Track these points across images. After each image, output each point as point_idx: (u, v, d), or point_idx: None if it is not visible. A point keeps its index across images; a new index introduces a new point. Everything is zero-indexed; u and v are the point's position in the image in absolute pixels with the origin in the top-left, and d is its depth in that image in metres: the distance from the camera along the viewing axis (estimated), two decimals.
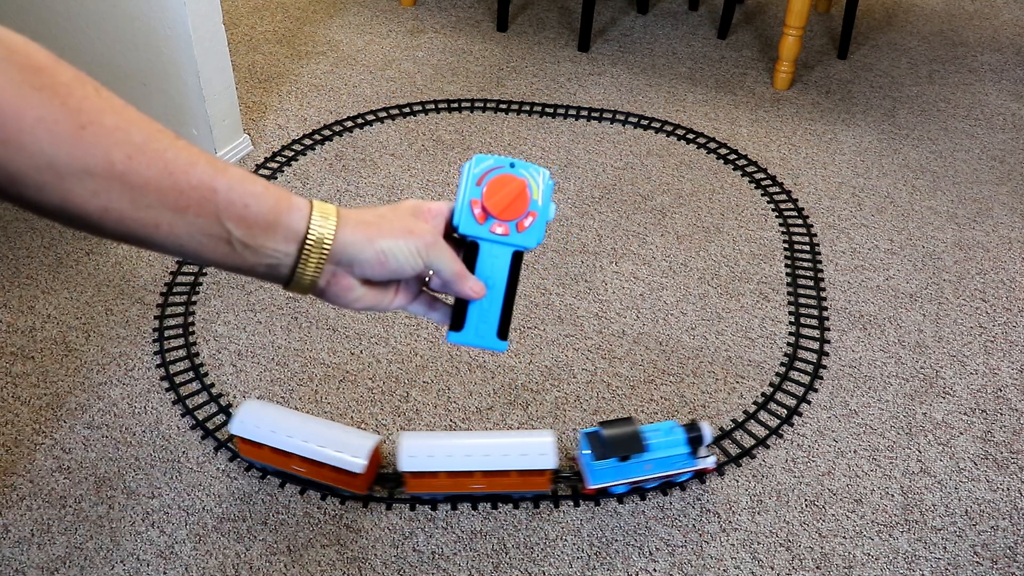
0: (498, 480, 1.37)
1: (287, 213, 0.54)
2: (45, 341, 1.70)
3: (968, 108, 2.55)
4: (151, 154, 0.49)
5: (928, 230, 2.08)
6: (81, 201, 0.47)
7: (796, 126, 2.43)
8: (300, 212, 0.55)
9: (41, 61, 0.45)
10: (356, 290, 0.59)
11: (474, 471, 1.36)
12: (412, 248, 0.58)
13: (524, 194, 0.63)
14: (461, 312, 0.64)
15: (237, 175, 0.53)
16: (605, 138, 2.35)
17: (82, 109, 0.46)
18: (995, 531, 1.43)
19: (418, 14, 2.94)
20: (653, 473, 1.41)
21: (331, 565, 1.34)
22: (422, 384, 1.64)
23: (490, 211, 0.62)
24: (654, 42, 2.83)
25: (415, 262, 0.58)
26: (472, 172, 0.63)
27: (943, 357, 1.75)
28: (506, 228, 0.63)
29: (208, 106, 2.05)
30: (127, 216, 0.49)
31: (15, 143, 0.44)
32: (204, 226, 0.51)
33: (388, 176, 2.18)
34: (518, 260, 0.64)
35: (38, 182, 0.46)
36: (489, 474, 1.36)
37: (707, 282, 1.90)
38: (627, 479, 1.41)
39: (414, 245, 0.58)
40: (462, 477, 1.37)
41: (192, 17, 1.91)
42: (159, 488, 1.44)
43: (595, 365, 1.69)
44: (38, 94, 0.45)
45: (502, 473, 1.36)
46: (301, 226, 0.55)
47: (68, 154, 0.46)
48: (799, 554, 1.38)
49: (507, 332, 0.65)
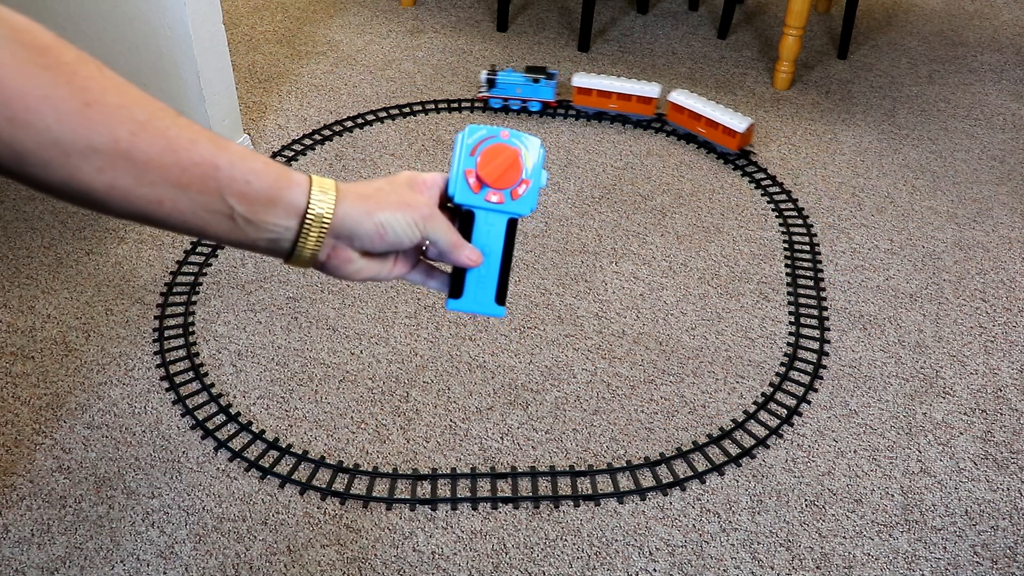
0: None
1: (288, 189, 0.55)
2: (45, 341, 1.70)
3: (968, 108, 2.55)
4: (154, 131, 0.49)
5: (928, 230, 2.08)
6: (87, 178, 0.48)
7: (796, 126, 2.43)
8: (300, 187, 0.56)
9: (46, 40, 0.46)
10: (356, 262, 0.60)
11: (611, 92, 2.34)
12: (409, 220, 0.59)
13: (517, 163, 0.64)
14: (459, 280, 0.65)
15: (238, 152, 0.53)
16: (605, 138, 2.35)
17: (87, 87, 0.47)
18: (995, 531, 1.43)
19: (418, 14, 2.94)
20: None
21: (331, 565, 1.34)
22: (422, 384, 1.64)
23: (485, 180, 0.63)
24: (654, 42, 2.83)
25: (413, 233, 0.60)
26: (466, 142, 0.64)
27: (943, 357, 1.75)
28: (501, 196, 0.64)
29: (208, 106, 2.05)
30: (132, 193, 0.49)
31: (21, 121, 0.45)
32: (207, 202, 0.52)
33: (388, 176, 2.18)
34: (513, 227, 0.66)
35: (44, 159, 0.46)
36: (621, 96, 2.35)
37: (707, 282, 1.90)
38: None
39: (411, 217, 0.59)
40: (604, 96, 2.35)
41: (192, 17, 1.91)
42: (159, 488, 1.44)
43: (595, 365, 1.69)
44: (44, 73, 0.45)
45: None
46: (301, 201, 0.56)
47: (73, 131, 0.46)
48: (799, 554, 1.38)
49: (504, 298, 0.67)
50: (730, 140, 2.25)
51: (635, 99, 2.36)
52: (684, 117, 2.33)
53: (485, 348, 1.72)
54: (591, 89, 2.36)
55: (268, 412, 1.58)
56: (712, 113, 2.26)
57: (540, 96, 2.39)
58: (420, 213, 0.60)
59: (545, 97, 2.39)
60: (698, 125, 2.31)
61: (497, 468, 1.50)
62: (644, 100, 2.36)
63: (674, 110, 2.34)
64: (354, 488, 1.45)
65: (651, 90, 2.34)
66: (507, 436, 1.55)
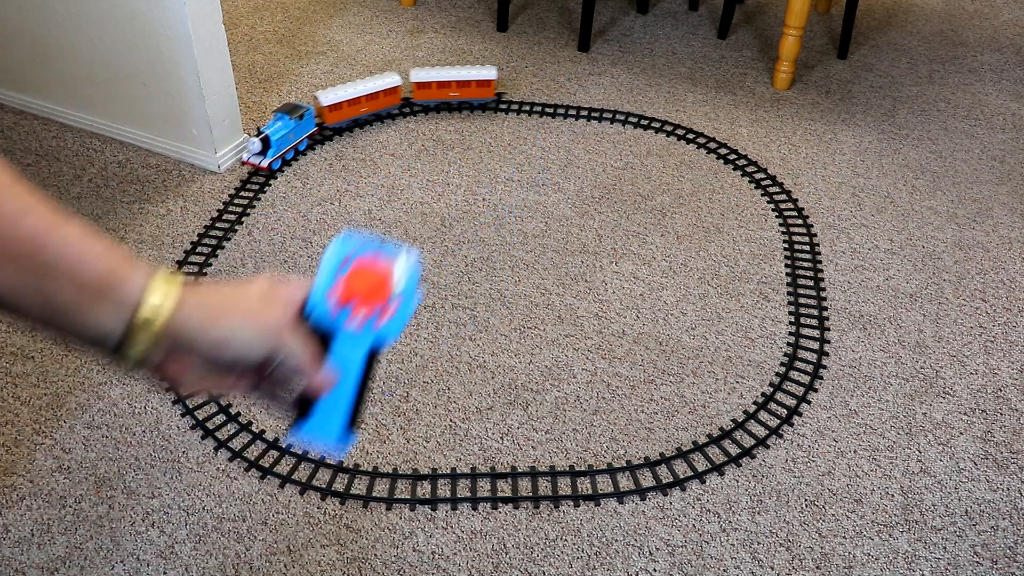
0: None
1: (122, 283, 0.50)
2: (45, 341, 1.70)
3: (968, 108, 2.55)
4: None
5: (928, 230, 2.08)
6: None
7: (796, 126, 2.43)
8: (135, 283, 0.50)
9: None
10: (194, 372, 0.55)
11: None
12: (257, 334, 0.54)
13: (386, 284, 0.58)
14: (308, 404, 0.59)
15: (76, 232, 0.49)
16: (605, 138, 2.35)
17: None
18: (995, 531, 1.43)
19: (418, 14, 2.94)
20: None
21: (331, 565, 1.34)
22: (422, 384, 1.64)
23: (348, 301, 0.58)
24: (654, 42, 2.83)
25: (259, 349, 0.54)
26: (336, 254, 0.59)
27: (943, 357, 1.75)
28: (363, 320, 0.58)
29: (208, 106, 2.05)
30: None
31: None
32: (26, 280, 0.47)
33: (388, 176, 2.18)
34: (374, 355, 0.60)
35: None
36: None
37: (707, 282, 1.90)
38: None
39: (259, 331, 0.54)
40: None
41: (192, 17, 1.91)
42: (159, 488, 1.44)
43: (595, 365, 1.69)
44: None
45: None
46: (133, 298, 0.50)
47: None
48: (799, 554, 1.38)
49: (356, 427, 0.61)
50: (487, 90, 2.39)
51: (474, 84, 2.39)
52: (433, 90, 2.38)
53: (485, 348, 1.72)
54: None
55: (268, 412, 1.58)
56: (459, 74, 2.36)
57: (306, 131, 2.23)
58: (269, 328, 0.54)
59: (309, 130, 2.24)
60: (450, 91, 2.38)
61: (497, 468, 1.50)
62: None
63: (420, 88, 2.38)
64: (354, 488, 1.45)
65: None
66: (507, 436, 1.55)
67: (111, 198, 2.06)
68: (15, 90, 2.33)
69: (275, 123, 2.14)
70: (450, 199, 2.11)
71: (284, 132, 2.14)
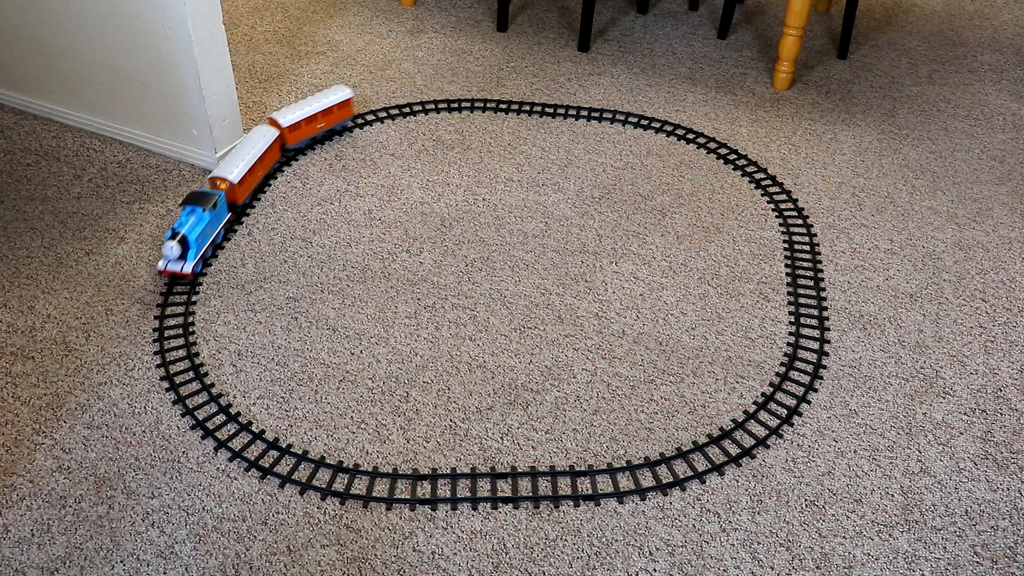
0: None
1: None
2: (45, 341, 1.70)
3: (968, 108, 2.55)
4: None
5: (928, 230, 2.08)
6: None
7: (796, 126, 2.43)
8: None
9: None
10: None
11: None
12: None
13: None
14: None
15: None
16: (605, 138, 2.35)
17: None
18: (995, 531, 1.43)
19: (418, 14, 2.94)
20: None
21: (331, 565, 1.34)
22: (422, 384, 1.64)
23: None
24: (654, 42, 2.83)
25: None
26: None
27: (943, 357, 1.75)
28: None
29: (208, 106, 2.05)
30: None
31: None
32: None
33: (388, 176, 2.18)
34: None
35: None
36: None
37: (707, 282, 1.90)
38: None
39: None
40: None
41: (192, 17, 1.91)
42: (159, 488, 1.44)
43: (595, 365, 1.69)
44: None
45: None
46: None
47: None
48: (799, 554, 1.38)
49: None
50: (347, 111, 2.30)
51: (335, 108, 2.26)
52: (303, 127, 2.20)
53: (485, 348, 1.72)
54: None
55: (268, 412, 1.58)
56: (320, 103, 2.22)
57: (222, 221, 1.93)
58: None
59: (225, 218, 1.95)
60: (318, 124, 2.24)
61: (497, 468, 1.50)
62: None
63: (292, 130, 2.18)
64: (354, 488, 1.45)
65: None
66: (507, 436, 1.55)
67: (111, 198, 2.06)
68: (15, 90, 2.33)
69: (187, 218, 1.83)
70: (450, 199, 2.11)
71: (201, 228, 1.83)
